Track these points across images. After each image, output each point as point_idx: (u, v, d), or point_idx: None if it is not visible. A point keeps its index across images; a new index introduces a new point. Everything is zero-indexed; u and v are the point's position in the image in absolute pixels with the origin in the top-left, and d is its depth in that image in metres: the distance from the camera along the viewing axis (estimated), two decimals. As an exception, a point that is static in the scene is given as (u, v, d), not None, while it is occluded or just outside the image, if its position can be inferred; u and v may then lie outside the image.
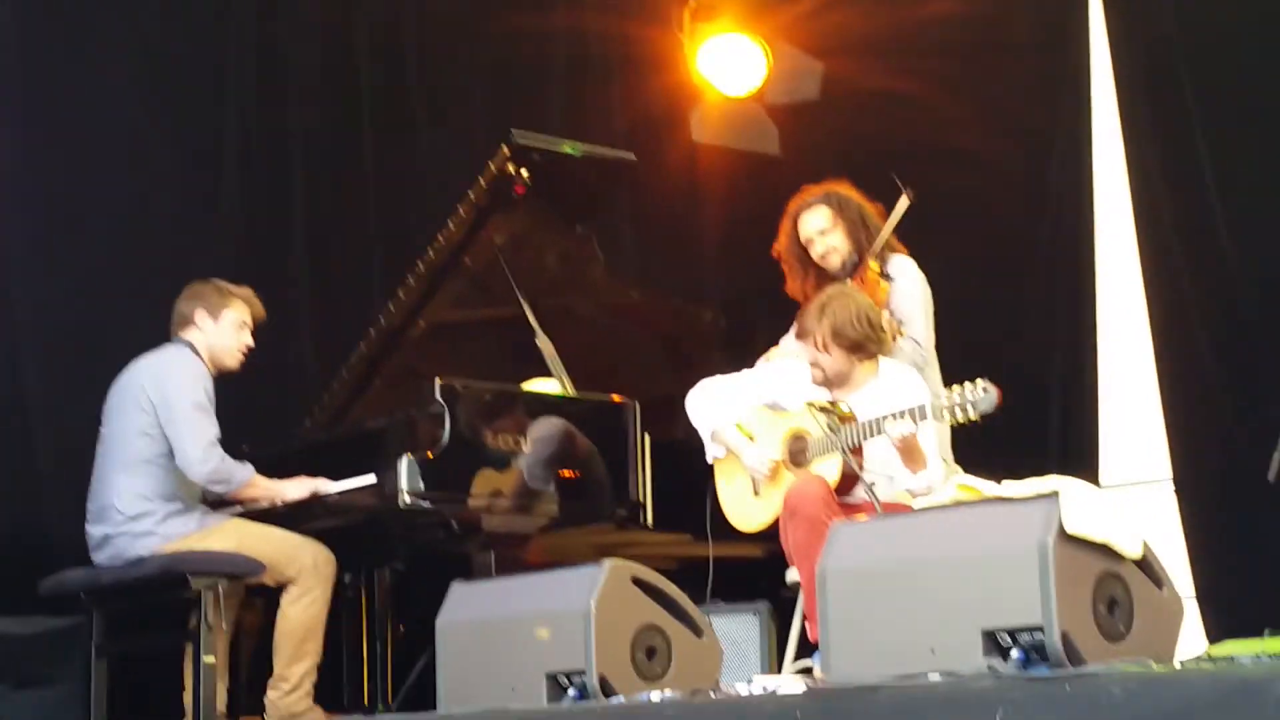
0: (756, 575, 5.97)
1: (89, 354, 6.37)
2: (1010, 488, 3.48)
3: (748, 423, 5.54)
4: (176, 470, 5.63)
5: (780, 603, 5.81)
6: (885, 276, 5.77)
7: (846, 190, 5.95)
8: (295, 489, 5.79)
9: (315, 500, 5.78)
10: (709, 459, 5.63)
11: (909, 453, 5.05)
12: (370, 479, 5.68)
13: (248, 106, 7.33)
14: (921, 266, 5.93)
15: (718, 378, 5.69)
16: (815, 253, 5.91)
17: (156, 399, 5.64)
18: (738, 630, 5.90)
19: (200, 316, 5.81)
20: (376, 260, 7.49)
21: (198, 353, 5.78)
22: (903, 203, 5.82)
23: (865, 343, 5.26)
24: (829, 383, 5.31)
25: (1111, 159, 7.04)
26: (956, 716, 3.02)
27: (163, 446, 5.63)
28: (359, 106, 7.62)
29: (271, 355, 6.16)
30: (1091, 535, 3.29)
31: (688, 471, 5.84)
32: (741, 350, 6.26)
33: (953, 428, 5.05)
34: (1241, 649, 3.86)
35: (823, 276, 5.89)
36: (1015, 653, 3.30)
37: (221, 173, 7.16)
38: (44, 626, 6.10)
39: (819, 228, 5.91)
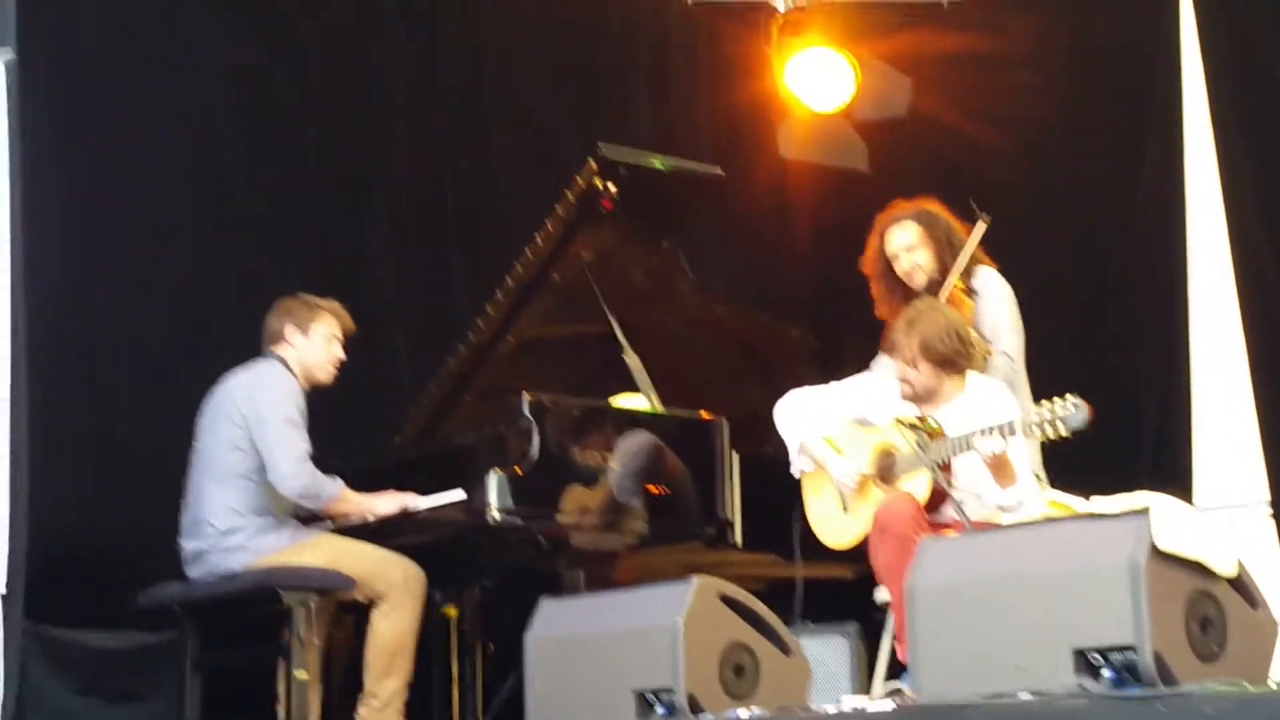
0: (845, 596, 5.96)
1: (183, 367, 6.43)
2: (1101, 504, 3.45)
3: (836, 437, 5.52)
4: (268, 485, 5.68)
5: (869, 624, 5.79)
6: (970, 292, 5.75)
7: (936, 208, 5.93)
8: (385, 504, 5.82)
9: (404, 516, 5.81)
10: (795, 473, 5.62)
11: (999, 468, 5.01)
12: (459, 495, 5.70)
13: (331, 115, 7.36)
14: (1012, 284, 5.89)
15: (807, 389, 5.68)
16: (900, 269, 5.90)
17: (249, 414, 5.69)
18: (826, 652, 5.88)
19: (290, 331, 5.86)
20: (458, 270, 7.52)
21: (290, 368, 5.83)
22: (980, 227, 5.80)
23: (955, 358, 5.24)
24: (918, 398, 5.29)
25: (1204, 174, 6.96)
26: (1048, 736, 3.00)
27: (255, 461, 5.68)
28: (441, 113, 7.64)
29: (361, 370, 6.19)
30: (1184, 553, 3.26)
31: (776, 490, 5.83)
32: (829, 368, 6.25)
33: (1042, 445, 5.01)
34: (1338, 669, 3.81)
35: (908, 294, 5.87)
36: (1107, 672, 3.27)
37: (302, 185, 7.20)
38: (139, 641, 6.18)
39: (905, 244, 5.89)
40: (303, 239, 7.11)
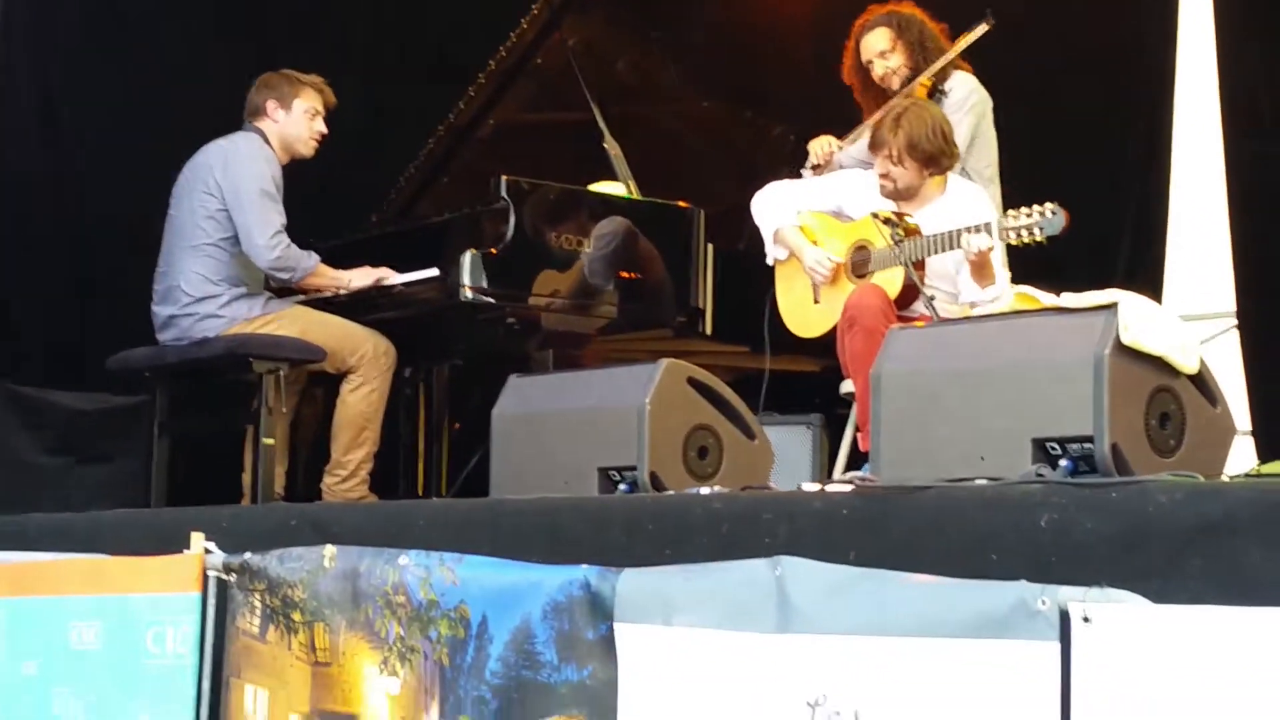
0: (812, 390, 6.00)
1: (156, 135, 6.39)
2: (1069, 299, 3.46)
3: (812, 227, 5.53)
4: (242, 255, 5.69)
5: (834, 418, 5.84)
6: (939, 93, 5.72)
7: (909, 10, 5.89)
8: (359, 278, 5.84)
9: (378, 290, 5.83)
10: (770, 261, 5.63)
11: (981, 267, 5.03)
12: (433, 272, 5.71)
13: None
14: (991, 87, 5.86)
15: (786, 181, 5.68)
16: (875, 74, 5.88)
17: (225, 184, 5.68)
18: (790, 442, 5.93)
19: (271, 106, 5.84)
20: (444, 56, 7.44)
21: (268, 141, 5.80)
22: (981, 28, 5.75)
23: (939, 156, 5.23)
24: (898, 195, 5.29)
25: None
26: (1002, 519, 3.03)
27: (229, 231, 5.68)
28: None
29: (339, 147, 6.15)
30: (1148, 348, 3.27)
31: (750, 284, 5.85)
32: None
33: (1020, 249, 5.02)
34: (1290, 468, 3.87)
35: (884, 99, 5.86)
36: (1064, 461, 3.31)
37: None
38: (109, 403, 6.23)
39: (878, 49, 5.87)
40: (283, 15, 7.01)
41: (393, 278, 5.83)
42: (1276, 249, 6.40)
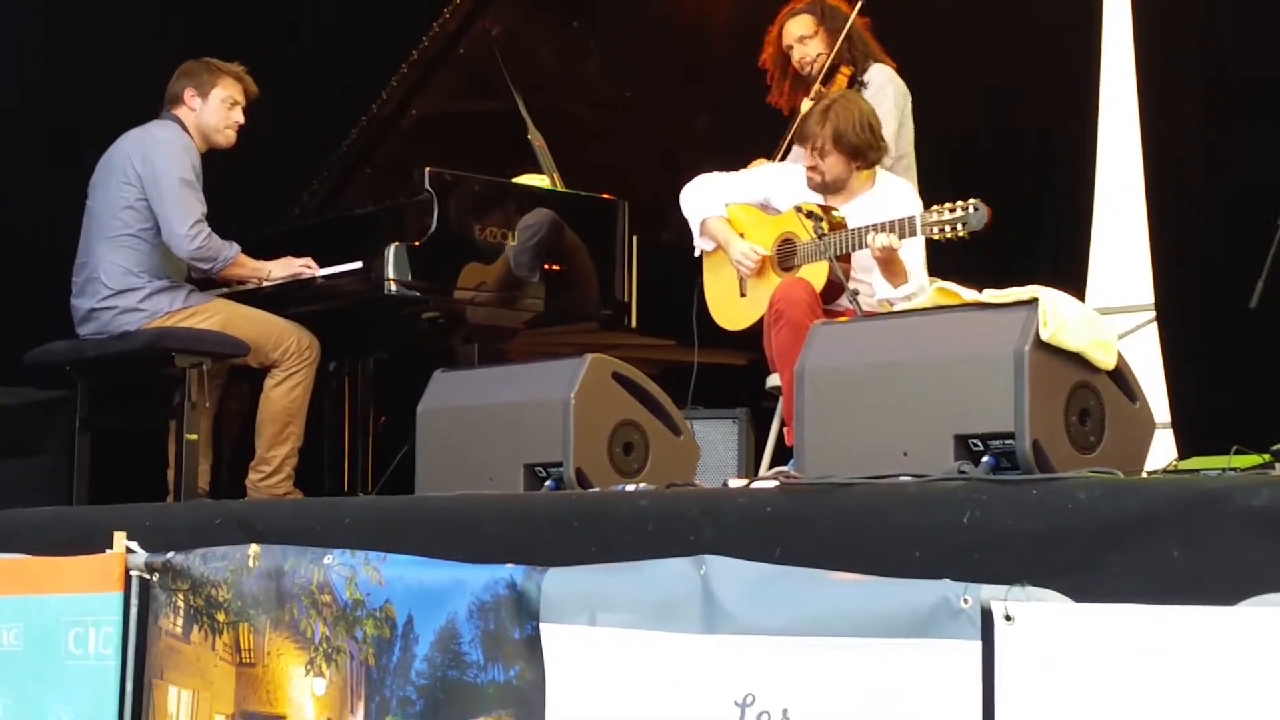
0: (738, 383, 6.01)
1: (72, 126, 6.32)
2: (990, 294, 3.48)
3: (739, 219, 5.54)
4: (163, 246, 5.64)
5: (760, 412, 5.86)
6: (859, 84, 5.76)
7: (835, 1, 5.93)
8: (280, 269, 5.81)
9: (301, 283, 5.80)
10: (697, 252, 5.64)
11: (888, 265, 5.06)
12: (357, 265, 5.69)
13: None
14: (914, 76, 5.89)
15: (714, 174, 5.69)
16: (795, 59, 5.93)
17: (144, 173, 5.63)
18: (716, 436, 5.94)
19: (189, 94, 5.79)
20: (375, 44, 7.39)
21: (186, 129, 5.76)
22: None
23: (866, 150, 5.26)
24: (825, 188, 5.31)
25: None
26: (926, 516, 3.05)
27: (149, 221, 5.63)
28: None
29: (262, 137, 6.11)
30: (1068, 344, 3.30)
31: (676, 277, 5.86)
32: (734, 157, 6.23)
33: (942, 243, 5.05)
34: (1208, 464, 3.90)
35: (799, 85, 5.91)
36: (986, 458, 3.33)
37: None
38: (29, 398, 6.15)
39: (799, 34, 5.93)
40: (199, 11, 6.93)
41: (314, 270, 5.80)
42: (1194, 242, 6.47)
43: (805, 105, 5.86)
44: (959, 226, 4.82)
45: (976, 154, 6.80)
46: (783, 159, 5.94)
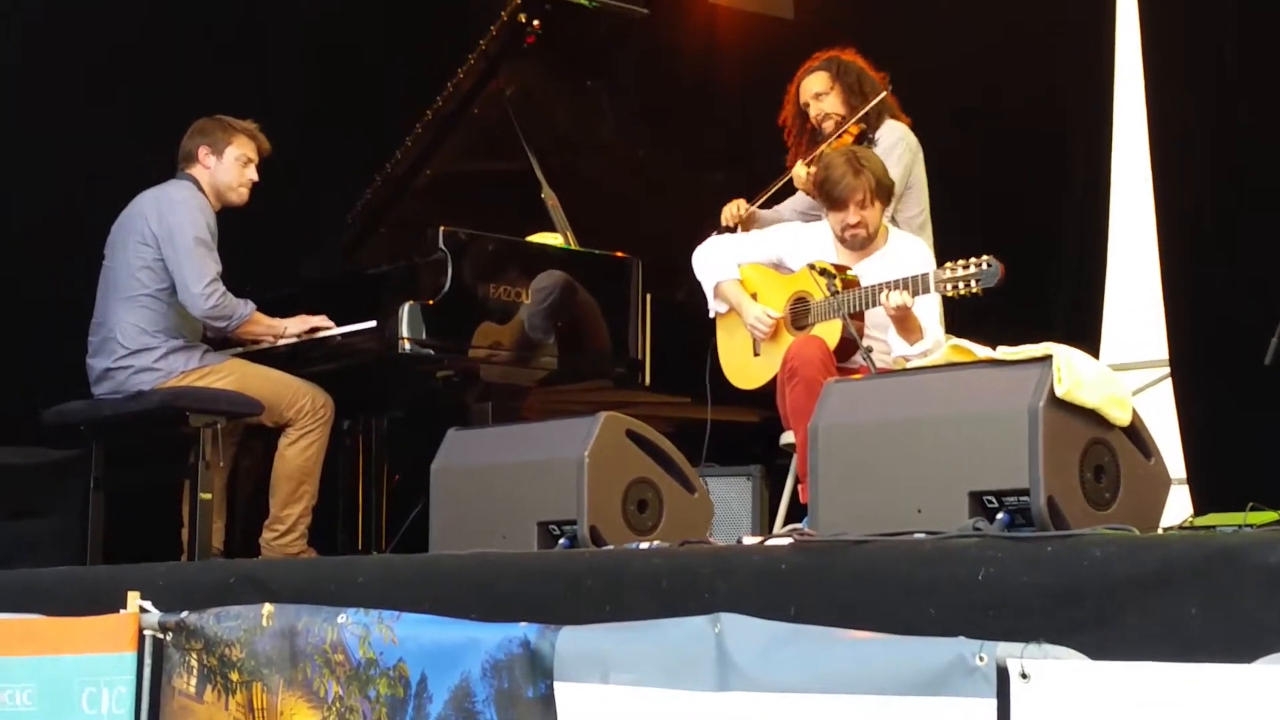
0: (752, 441, 6.01)
1: (92, 186, 6.36)
2: (1004, 351, 3.48)
3: (752, 280, 5.55)
4: (179, 306, 5.66)
5: (774, 469, 5.85)
6: (869, 141, 5.77)
7: (849, 56, 5.96)
8: (295, 325, 5.82)
9: (315, 341, 5.81)
10: (711, 314, 5.65)
11: (903, 323, 5.07)
12: (370, 324, 5.70)
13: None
14: (931, 136, 5.91)
15: (727, 235, 5.71)
16: (811, 115, 5.93)
17: (159, 233, 5.66)
18: (730, 493, 5.94)
19: (204, 153, 5.82)
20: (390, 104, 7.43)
21: (201, 189, 5.79)
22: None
23: (893, 189, 5.32)
24: (869, 241, 5.30)
25: (1130, 39, 6.98)
26: (940, 573, 3.04)
27: (165, 281, 5.65)
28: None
29: (277, 194, 6.14)
30: (1082, 400, 3.30)
31: (689, 335, 5.87)
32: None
33: (956, 300, 5.06)
34: (1224, 520, 3.89)
35: (815, 142, 5.92)
36: (1001, 515, 3.32)
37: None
38: (44, 458, 6.15)
39: (814, 91, 5.94)
40: (208, 75, 6.97)
41: (329, 327, 5.81)
42: (1207, 298, 6.46)
43: (799, 167, 5.88)
44: (973, 283, 4.82)
45: (990, 210, 6.81)
46: (764, 206, 5.96)
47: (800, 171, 5.91)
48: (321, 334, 5.81)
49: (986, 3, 7.21)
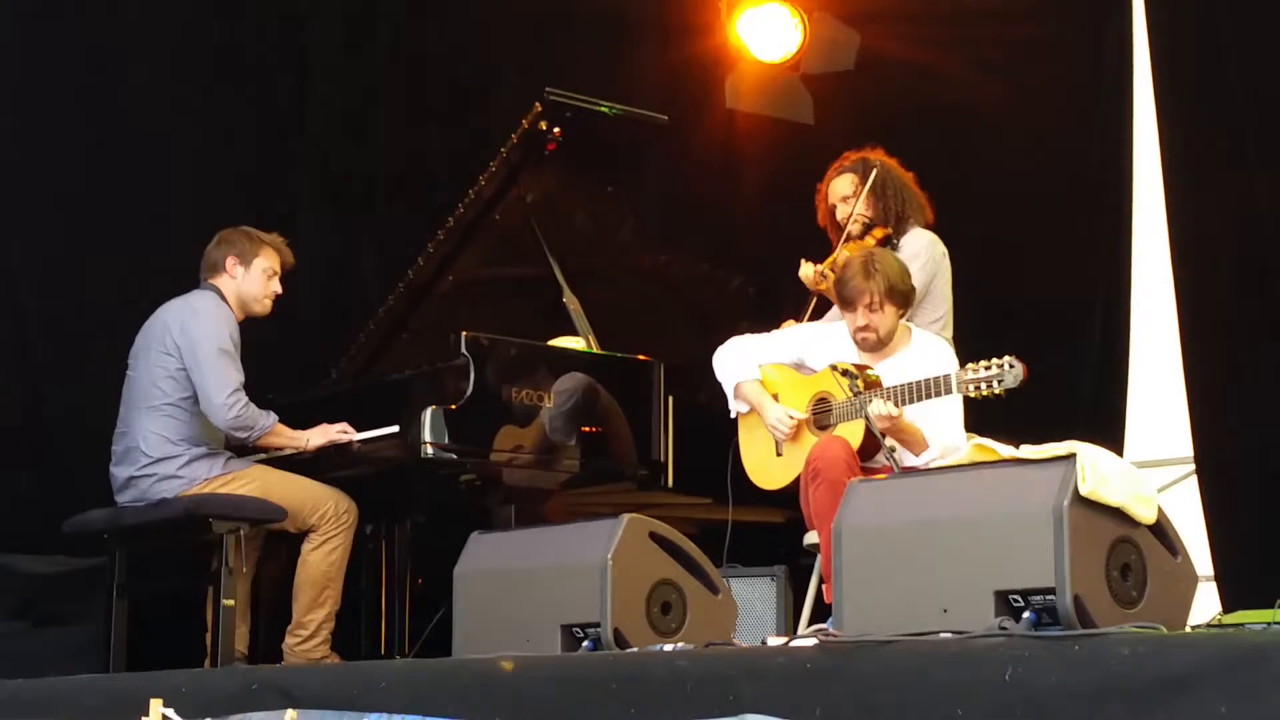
0: (775, 541, 5.99)
1: (116, 296, 6.40)
2: (1028, 450, 3.48)
3: (773, 380, 5.55)
4: (201, 415, 5.67)
5: (798, 569, 5.83)
6: (893, 245, 5.79)
7: (878, 157, 5.98)
8: (317, 437, 5.83)
9: (336, 449, 5.81)
10: (732, 414, 5.65)
11: (897, 434, 5.05)
12: (393, 429, 5.71)
13: (260, 59, 7.27)
14: (955, 235, 5.93)
15: (747, 336, 5.72)
16: (839, 218, 5.96)
17: (182, 343, 5.68)
18: (754, 594, 5.90)
19: (231, 263, 5.85)
20: (399, 210, 7.49)
21: (225, 299, 5.82)
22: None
23: (909, 294, 5.30)
24: (880, 344, 5.30)
25: (1148, 132, 7.02)
26: (966, 673, 3.03)
27: (188, 390, 5.67)
28: (376, 52, 7.58)
29: (301, 304, 6.18)
30: (1107, 499, 3.29)
31: (710, 436, 5.87)
32: (768, 318, 6.27)
33: (977, 400, 5.06)
34: (1253, 618, 3.87)
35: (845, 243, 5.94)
36: (1027, 614, 3.31)
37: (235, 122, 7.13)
38: (67, 566, 6.16)
39: (842, 193, 5.98)
40: (229, 178, 7.03)
41: (351, 435, 5.82)
42: (1231, 394, 6.46)
43: (805, 267, 5.90)
44: (995, 384, 4.82)
45: (1011, 310, 6.83)
46: (811, 319, 5.97)
47: (807, 271, 5.94)
48: (344, 441, 5.81)
49: (998, 105, 7.28)
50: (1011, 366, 4.79)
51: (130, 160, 6.71)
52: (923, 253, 5.80)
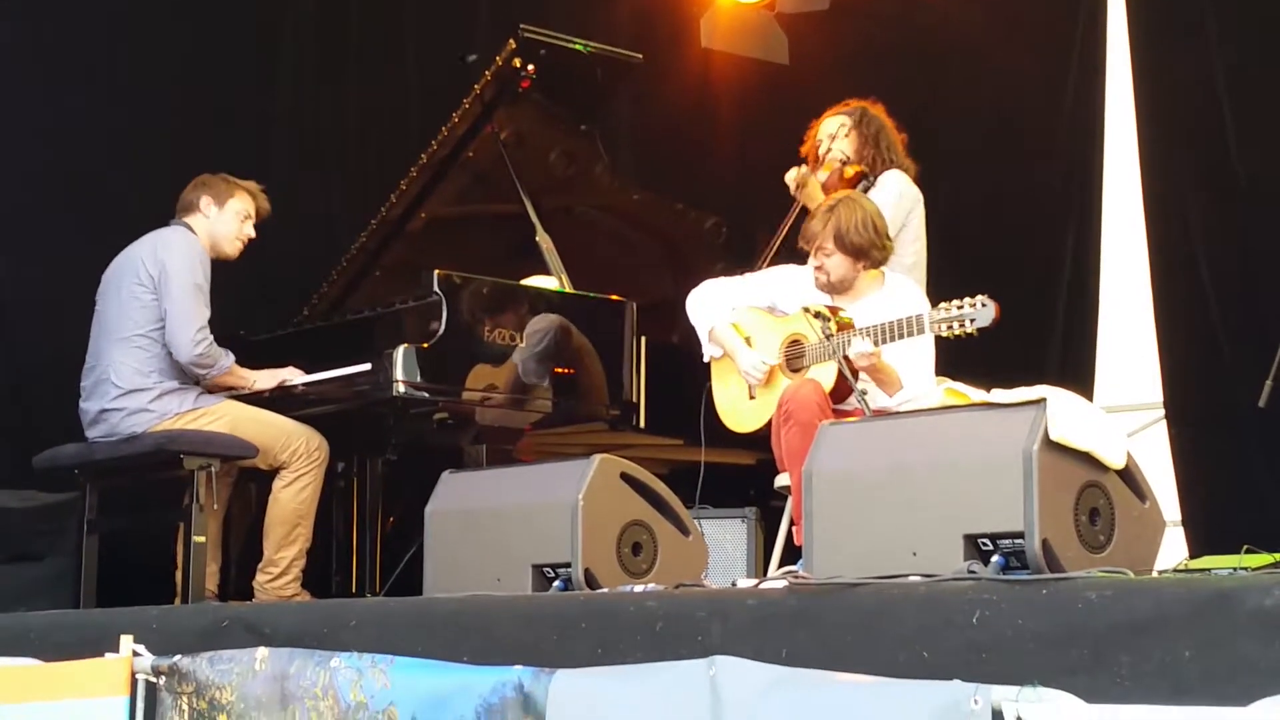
0: (746, 483, 6.00)
1: (80, 233, 6.37)
2: (998, 395, 3.49)
3: (746, 324, 5.55)
4: (172, 347, 5.66)
5: (769, 511, 5.84)
6: (868, 182, 5.79)
7: (877, 110, 5.99)
8: (265, 379, 5.83)
9: (306, 386, 5.81)
10: (705, 358, 5.65)
11: (875, 373, 5.05)
12: (365, 367, 5.70)
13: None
14: (926, 179, 5.93)
15: (721, 279, 5.71)
16: (821, 151, 5.96)
17: (156, 273, 5.67)
18: (725, 536, 5.92)
19: (205, 203, 5.85)
20: (374, 151, 7.46)
21: (197, 236, 5.80)
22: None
23: (869, 249, 5.27)
24: (832, 288, 5.31)
25: (1123, 97, 7.01)
26: (935, 617, 3.04)
27: (161, 322, 5.65)
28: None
29: (271, 242, 6.15)
30: (1076, 443, 3.30)
31: (683, 377, 5.87)
32: (742, 258, 6.28)
33: (951, 341, 5.06)
34: (1218, 563, 3.89)
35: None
36: (996, 558, 3.32)
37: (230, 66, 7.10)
38: (37, 501, 6.15)
39: (830, 131, 5.98)
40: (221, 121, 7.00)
41: (299, 377, 5.82)
42: (1202, 340, 6.48)
43: (791, 172, 5.91)
44: (967, 323, 4.82)
45: (982, 255, 6.83)
46: (776, 254, 5.98)
47: (791, 175, 5.96)
48: (291, 383, 5.81)
49: (974, 47, 7.26)
50: (984, 305, 4.80)
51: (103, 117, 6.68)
52: (894, 189, 5.80)
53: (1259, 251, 6.32)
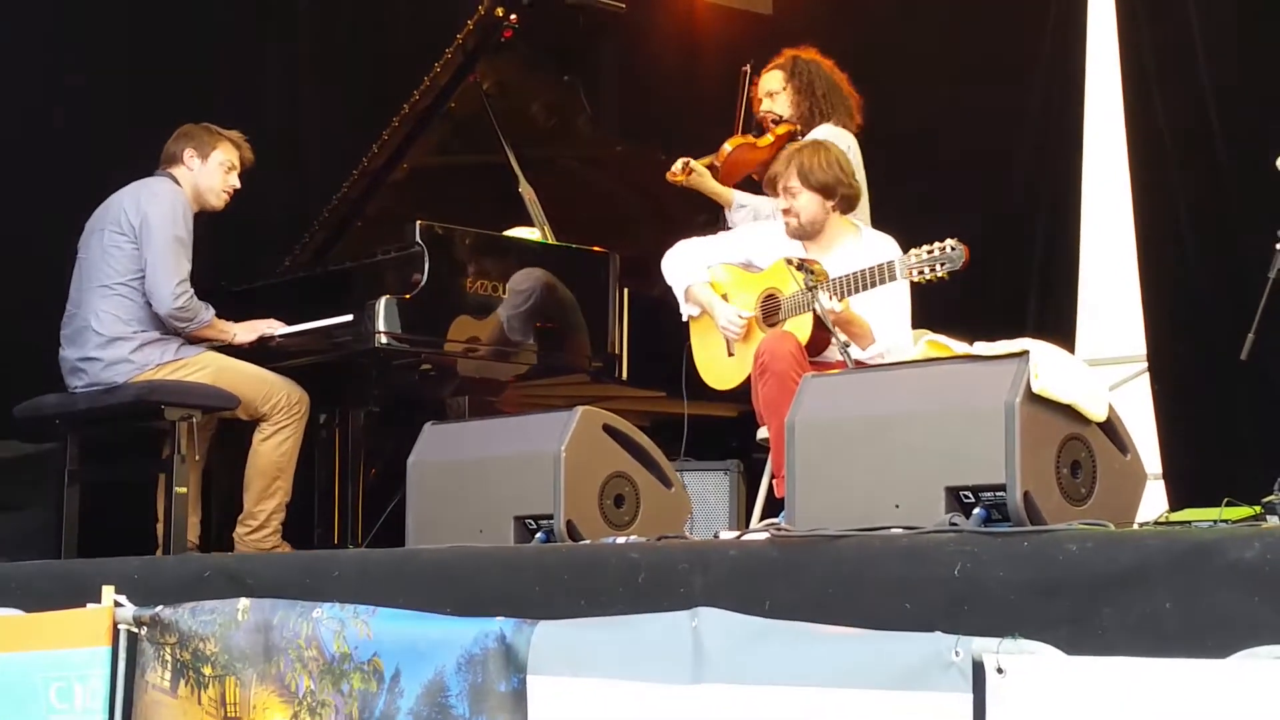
0: (729, 435, 6.01)
1: (60, 182, 6.33)
2: (981, 347, 3.48)
3: (722, 281, 5.55)
4: (154, 296, 5.65)
5: (751, 463, 5.85)
6: (796, 137, 5.79)
7: (809, 55, 5.97)
8: (244, 333, 5.82)
9: (285, 337, 5.80)
10: (684, 317, 5.65)
11: (845, 327, 5.04)
12: (348, 318, 5.68)
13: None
14: (906, 128, 5.91)
15: (694, 239, 5.70)
16: (759, 110, 5.97)
17: (137, 222, 5.65)
18: (708, 488, 5.93)
19: (189, 155, 5.82)
20: (360, 100, 7.42)
21: (181, 188, 5.77)
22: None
23: (835, 185, 5.25)
24: (804, 233, 5.30)
25: (1105, 27, 6.99)
26: (917, 568, 3.04)
27: (142, 271, 5.63)
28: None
29: (253, 194, 6.12)
30: (1058, 396, 3.30)
31: (665, 329, 5.86)
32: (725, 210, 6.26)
33: (930, 295, 5.06)
34: (1199, 515, 3.90)
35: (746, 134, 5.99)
36: (977, 510, 3.32)
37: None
38: (18, 451, 6.14)
39: (768, 89, 6.01)
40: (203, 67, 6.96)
41: (278, 329, 5.80)
42: (1186, 292, 6.48)
43: (677, 164, 5.92)
44: (938, 267, 4.84)
45: (962, 207, 6.81)
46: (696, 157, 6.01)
47: (676, 166, 5.95)
48: (269, 334, 5.80)
49: (961, 17, 7.23)
50: (954, 249, 4.82)
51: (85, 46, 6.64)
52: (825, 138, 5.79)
53: (1243, 206, 6.30)
